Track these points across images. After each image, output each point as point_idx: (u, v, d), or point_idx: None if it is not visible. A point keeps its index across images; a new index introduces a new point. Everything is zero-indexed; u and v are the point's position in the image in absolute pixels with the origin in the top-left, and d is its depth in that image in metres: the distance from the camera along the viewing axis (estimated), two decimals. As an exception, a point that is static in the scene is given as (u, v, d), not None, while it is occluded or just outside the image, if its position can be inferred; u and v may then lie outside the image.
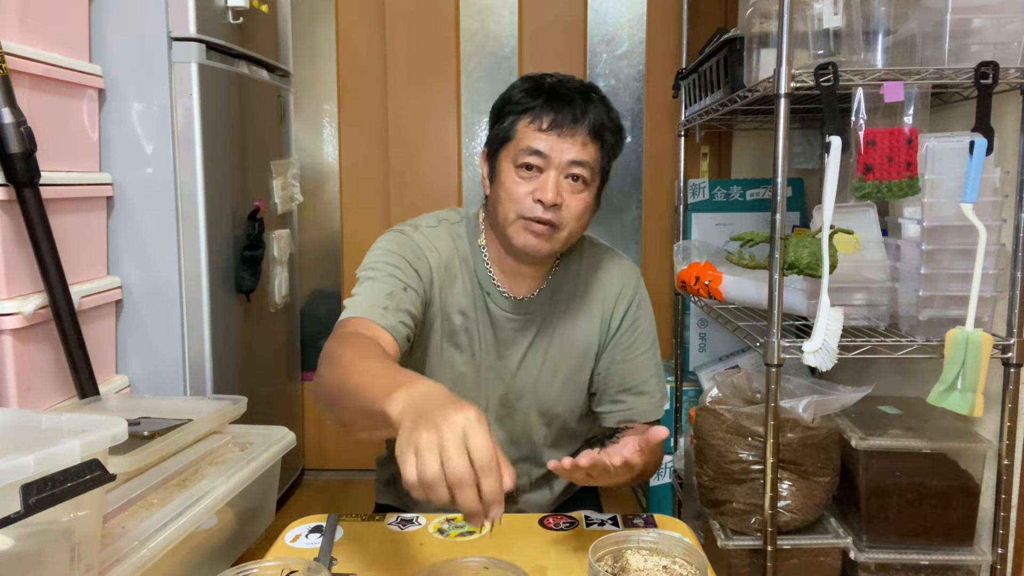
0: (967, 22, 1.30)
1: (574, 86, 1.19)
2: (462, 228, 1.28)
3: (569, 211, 1.16)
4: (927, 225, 1.33)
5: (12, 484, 0.79)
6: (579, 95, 1.16)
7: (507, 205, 1.17)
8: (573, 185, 1.15)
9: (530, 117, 1.15)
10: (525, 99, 1.17)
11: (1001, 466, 1.36)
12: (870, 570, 1.41)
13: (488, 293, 1.26)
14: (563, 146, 1.14)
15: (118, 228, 1.92)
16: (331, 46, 2.75)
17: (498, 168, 1.19)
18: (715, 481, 1.49)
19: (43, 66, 1.63)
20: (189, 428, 1.41)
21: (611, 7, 2.69)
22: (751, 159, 2.67)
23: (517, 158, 1.15)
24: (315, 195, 2.80)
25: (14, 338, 1.53)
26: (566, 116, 1.14)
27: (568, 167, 1.14)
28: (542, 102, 1.15)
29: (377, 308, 1.13)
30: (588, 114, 1.15)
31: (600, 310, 1.30)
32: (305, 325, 2.80)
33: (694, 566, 0.86)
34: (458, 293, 1.25)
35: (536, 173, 1.15)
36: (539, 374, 1.29)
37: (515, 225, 1.17)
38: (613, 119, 1.19)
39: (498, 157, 1.20)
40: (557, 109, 1.14)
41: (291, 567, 0.84)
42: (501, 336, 1.28)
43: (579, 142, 1.14)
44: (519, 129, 1.16)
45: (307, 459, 2.87)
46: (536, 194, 1.14)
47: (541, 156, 1.14)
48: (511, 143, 1.17)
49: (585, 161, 1.15)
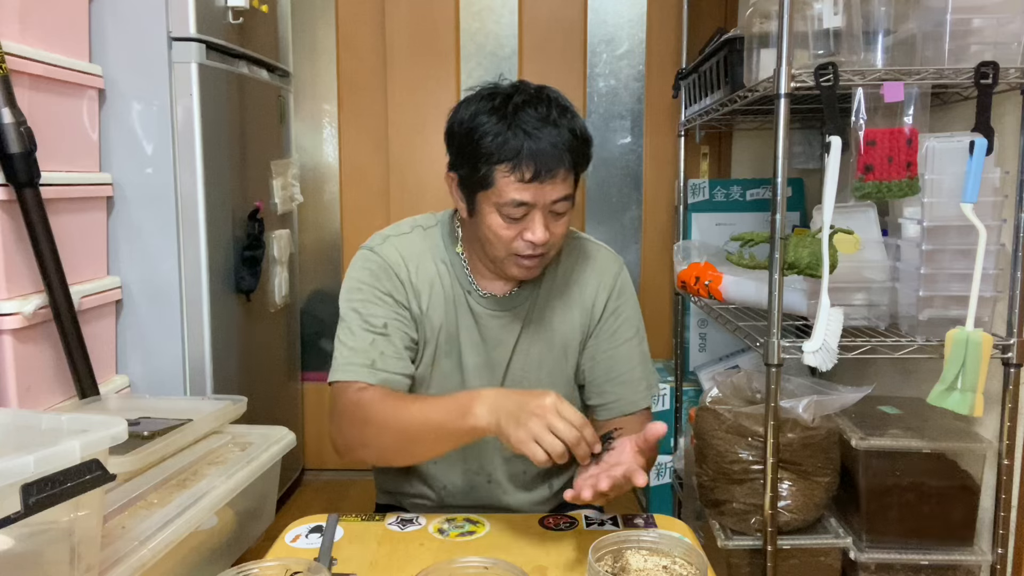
0: (967, 22, 1.29)
1: (543, 116, 1.12)
2: (437, 233, 1.29)
3: (555, 237, 1.17)
4: (927, 225, 1.33)
5: (12, 484, 0.79)
6: (553, 130, 1.11)
7: (497, 246, 1.17)
8: (556, 216, 1.16)
9: (508, 168, 1.11)
10: (500, 148, 1.11)
11: (1001, 466, 1.36)
12: (870, 570, 1.41)
13: (469, 293, 1.27)
14: (546, 191, 1.12)
15: (118, 228, 1.92)
16: (331, 46, 2.75)
17: (478, 207, 1.17)
18: (715, 481, 1.49)
19: (43, 66, 1.63)
20: (189, 428, 1.41)
21: (611, 7, 2.69)
22: (751, 159, 2.67)
23: (501, 208, 1.13)
24: (315, 195, 2.80)
25: (14, 338, 1.53)
26: (547, 165, 1.10)
27: (551, 205, 1.14)
28: (518, 153, 1.10)
29: (365, 366, 1.18)
30: (565, 153, 1.11)
31: (580, 300, 1.30)
32: (305, 325, 2.80)
33: (694, 566, 0.86)
34: (436, 297, 1.25)
35: (522, 216, 1.14)
36: (528, 370, 1.29)
37: (506, 261, 1.19)
38: (583, 139, 1.16)
39: (476, 197, 1.17)
40: (536, 159, 1.10)
41: (292, 567, 0.84)
42: (487, 335, 1.28)
43: (560, 180, 1.13)
44: (498, 179, 1.12)
45: (307, 459, 2.87)
46: (526, 235, 1.14)
47: (526, 206, 1.13)
48: (491, 190, 1.13)
49: (567, 195, 1.15)
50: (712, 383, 1.60)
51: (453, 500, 1.33)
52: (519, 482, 1.34)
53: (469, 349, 1.27)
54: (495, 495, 1.32)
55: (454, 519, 1.15)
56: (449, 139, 1.21)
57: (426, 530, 1.11)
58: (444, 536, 1.09)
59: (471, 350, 1.27)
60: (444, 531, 1.11)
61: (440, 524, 1.13)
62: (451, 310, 1.26)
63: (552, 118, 1.13)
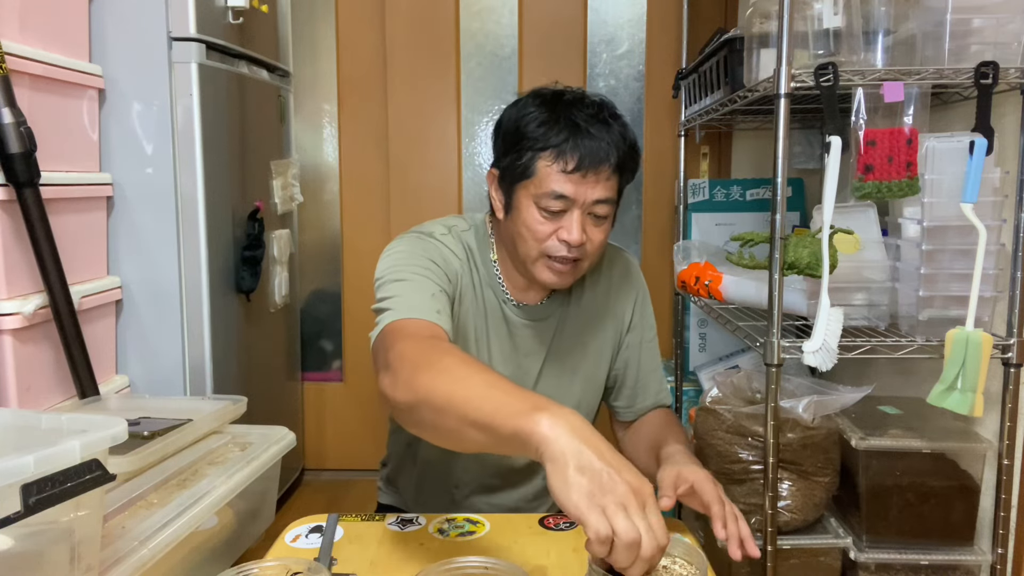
0: (967, 22, 1.29)
1: (593, 114, 1.11)
2: (471, 237, 1.25)
3: (592, 244, 1.14)
4: (927, 225, 1.33)
5: (12, 484, 0.79)
6: (602, 127, 1.10)
7: (530, 243, 1.13)
8: (596, 219, 1.13)
9: (552, 156, 1.09)
10: (545, 135, 1.10)
11: (1001, 466, 1.36)
12: (870, 570, 1.41)
13: (504, 302, 1.25)
14: (588, 187, 1.09)
15: (118, 228, 1.92)
16: (331, 46, 2.75)
17: (516, 201, 1.14)
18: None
19: (43, 66, 1.63)
20: (189, 428, 1.41)
21: (611, 7, 2.69)
22: (751, 159, 2.67)
23: (540, 200, 1.11)
24: (315, 195, 2.80)
25: (14, 338, 1.53)
26: (592, 157, 1.08)
27: (592, 206, 1.11)
28: (564, 140, 1.08)
29: (431, 311, 1.06)
30: (612, 149, 1.10)
31: (609, 307, 1.31)
32: (305, 325, 2.80)
33: (694, 566, 0.86)
34: (469, 302, 1.23)
35: (560, 212, 1.11)
36: (559, 380, 1.29)
37: (538, 263, 1.15)
38: (631, 145, 1.14)
39: (515, 190, 1.14)
40: (582, 149, 1.08)
41: (292, 567, 0.84)
42: (520, 344, 1.26)
43: (603, 179, 1.10)
44: (540, 168, 1.10)
45: (307, 459, 2.87)
46: (561, 235, 1.11)
47: (566, 199, 1.10)
48: (531, 180, 1.11)
49: (609, 198, 1.12)
50: (712, 383, 1.60)
51: (465, 501, 1.33)
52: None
53: (499, 357, 1.25)
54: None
55: (454, 519, 1.15)
56: (496, 133, 1.20)
57: (426, 530, 1.11)
58: (444, 536, 1.09)
59: (501, 358, 1.25)
60: (444, 531, 1.11)
61: (440, 524, 1.13)
62: (482, 316, 1.23)
63: (603, 117, 1.12)
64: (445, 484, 1.34)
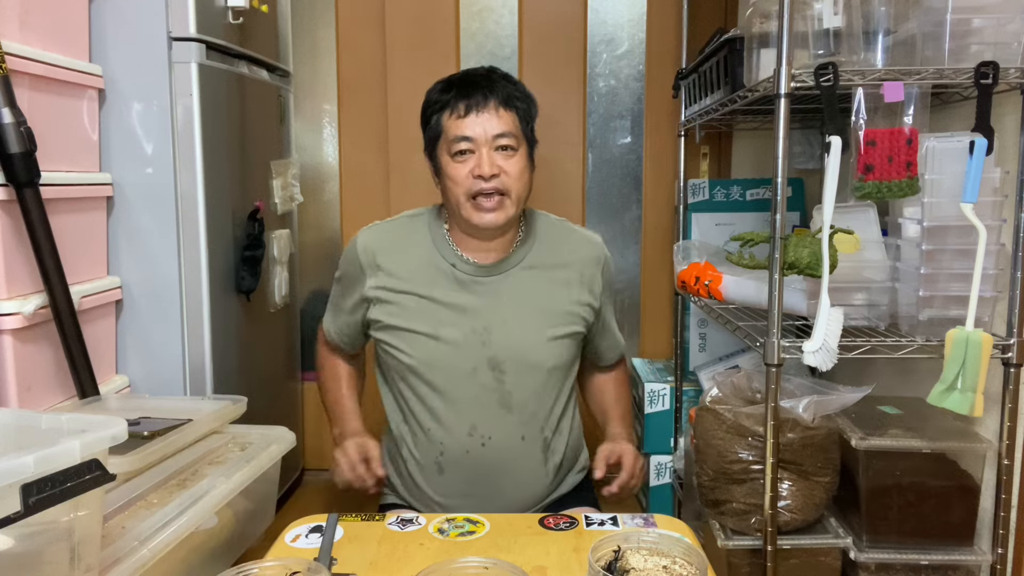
0: (967, 22, 1.29)
1: (478, 72, 1.38)
2: (423, 218, 1.46)
3: (509, 176, 1.32)
4: (927, 225, 1.33)
5: (12, 484, 0.79)
6: (482, 78, 1.36)
7: (454, 190, 1.34)
8: (504, 153, 1.33)
9: (448, 110, 1.34)
10: (440, 96, 1.36)
11: (1001, 466, 1.36)
12: (870, 570, 1.41)
13: (454, 264, 1.40)
14: (483, 123, 1.31)
15: (118, 228, 1.91)
16: (331, 46, 2.75)
17: (439, 163, 1.37)
18: (715, 481, 1.49)
19: (43, 66, 1.63)
20: (189, 428, 1.41)
21: (611, 7, 2.69)
22: (751, 159, 2.66)
23: (451, 148, 1.34)
24: (315, 195, 2.80)
25: (14, 338, 1.53)
26: (476, 98, 1.32)
27: (494, 140, 1.32)
28: (454, 94, 1.34)
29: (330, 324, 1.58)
30: (494, 90, 1.33)
31: (580, 275, 1.45)
32: (305, 325, 2.80)
33: (694, 566, 0.86)
34: (420, 271, 1.40)
35: (469, 155, 1.32)
36: (523, 333, 1.39)
37: (466, 206, 1.33)
38: (519, 88, 1.38)
39: (436, 155, 1.38)
40: (467, 94, 1.33)
41: (292, 567, 0.84)
42: (478, 301, 1.38)
43: (495, 115, 1.32)
44: (444, 123, 1.35)
45: (307, 459, 2.87)
46: (475, 171, 1.31)
47: (468, 140, 1.32)
48: (441, 138, 1.36)
49: (506, 131, 1.33)
50: (712, 383, 1.60)
51: (453, 468, 1.41)
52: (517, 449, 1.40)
53: (459, 317, 1.38)
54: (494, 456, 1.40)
55: (454, 519, 1.15)
56: (421, 125, 1.44)
57: (426, 530, 1.11)
58: (444, 536, 1.09)
59: (463, 318, 1.38)
60: (444, 531, 1.11)
61: (440, 524, 1.13)
62: (435, 279, 1.39)
63: (486, 72, 1.38)
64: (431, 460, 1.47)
